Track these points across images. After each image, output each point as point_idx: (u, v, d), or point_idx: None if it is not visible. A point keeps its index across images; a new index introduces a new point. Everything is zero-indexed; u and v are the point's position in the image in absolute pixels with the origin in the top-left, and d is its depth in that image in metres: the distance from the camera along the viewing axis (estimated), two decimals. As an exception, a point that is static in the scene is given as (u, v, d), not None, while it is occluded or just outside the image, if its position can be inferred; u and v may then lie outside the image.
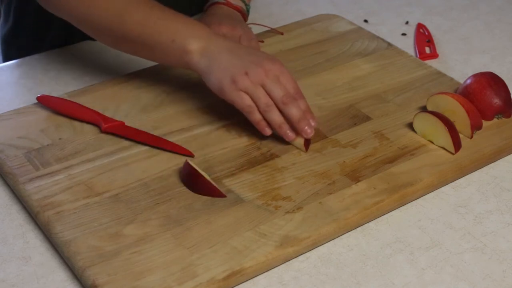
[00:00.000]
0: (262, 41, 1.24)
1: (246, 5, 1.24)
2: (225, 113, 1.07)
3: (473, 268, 0.85)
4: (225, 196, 0.91)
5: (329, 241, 0.88)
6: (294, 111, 0.98)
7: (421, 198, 0.95)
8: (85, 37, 1.27)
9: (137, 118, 1.06)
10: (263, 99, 0.98)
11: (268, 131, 1.00)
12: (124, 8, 1.04)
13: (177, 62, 1.03)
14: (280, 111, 0.98)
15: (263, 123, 0.99)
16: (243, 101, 0.98)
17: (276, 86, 0.98)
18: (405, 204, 0.94)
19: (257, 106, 0.98)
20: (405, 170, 0.96)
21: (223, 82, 0.98)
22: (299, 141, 1.00)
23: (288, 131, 0.99)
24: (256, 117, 0.99)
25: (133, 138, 1.01)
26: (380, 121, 1.06)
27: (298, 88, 1.00)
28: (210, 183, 0.91)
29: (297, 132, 0.99)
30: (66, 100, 1.07)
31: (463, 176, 0.98)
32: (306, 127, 0.98)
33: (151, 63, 1.17)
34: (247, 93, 0.98)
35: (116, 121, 1.03)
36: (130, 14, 1.03)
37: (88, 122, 1.04)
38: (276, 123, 0.99)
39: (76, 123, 1.04)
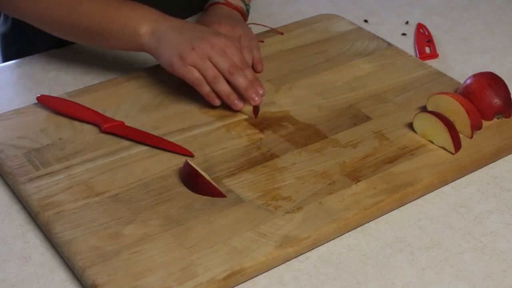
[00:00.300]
0: (262, 41, 1.24)
1: (246, 5, 1.24)
2: (225, 113, 1.07)
3: (473, 268, 0.85)
4: (225, 196, 0.91)
5: (329, 241, 0.88)
6: (240, 80, 1.04)
7: (421, 198, 0.95)
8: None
9: (137, 118, 1.06)
10: (210, 71, 1.03)
11: (217, 102, 1.06)
12: (75, 0, 1.09)
13: (130, 46, 1.09)
14: (228, 82, 1.05)
15: (212, 95, 1.05)
16: (192, 75, 1.04)
17: (222, 58, 1.03)
18: (405, 204, 0.94)
19: (205, 78, 1.04)
20: (405, 170, 0.96)
21: (172, 59, 1.04)
22: (248, 108, 1.05)
23: (236, 101, 1.05)
24: (205, 89, 1.05)
25: (133, 138, 1.01)
26: (380, 121, 1.06)
27: (244, 59, 1.06)
28: (210, 183, 0.91)
29: (245, 101, 1.05)
30: (66, 100, 1.07)
31: (463, 176, 0.98)
32: (254, 95, 1.04)
33: (151, 63, 1.17)
34: (195, 67, 1.03)
35: (116, 121, 1.03)
36: (81, 6, 1.08)
37: (88, 122, 1.04)
38: (224, 93, 1.05)
39: (76, 123, 1.04)
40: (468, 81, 1.07)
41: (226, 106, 1.08)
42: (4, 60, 1.35)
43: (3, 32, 1.36)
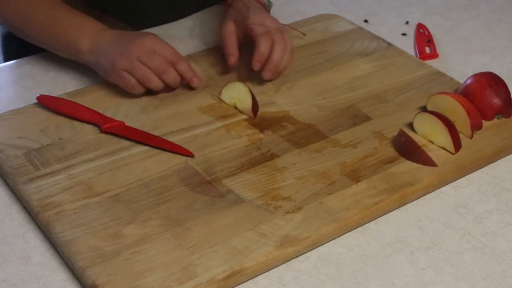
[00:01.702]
0: (304, 34, 1.26)
1: (269, 2, 1.24)
2: (225, 113, 1.07)
3: (473, 268, 0.85)
4: (436, 166, 0.96)
5: (329, 241, 0.88)
6: (170, 78, 1.06)
7: (421, 198, 0.95)
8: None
9: (137, 118, 1.06)
10: (139, 70, 1.05)
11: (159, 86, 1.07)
12: (28, 9, 1.11)
13: (76, 60, 1.12)
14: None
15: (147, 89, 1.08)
16: (124, 80, 1.06)
17: (151, 57, 1.05)
18: (405, 204, 0.94)
19: (136, 79, 1.06)
20: (405, 170, 0.96)
21: (106, 69, 1.07)
22: (247, 108, 1.06)
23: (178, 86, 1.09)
24: (138, 92, 1.07)
25: (133, 138, 1.01)
26: (380, 121, 1.06)
27: (175, 53, 1.08)
28: (425, 153, 0.96)
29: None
30: (66, 100, 1.07)
31: (463, 176, 0.98)
32: (192, 81, 1.08)
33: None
34: (126, 71, 1.05)
35: (116, 121, 1.03)
36: (32, 16, 1.11)
37: (88, 122, 1.04)
38: (159, 88, 1.07)
39: (76, 123, 1.04)
40: (468, 81, 1.07)
41: (226, 107, 1.08)
42: (5, 60, 1.35)
43: (3, 33, 1.36)
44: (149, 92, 1.09)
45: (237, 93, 1.07)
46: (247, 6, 1.17)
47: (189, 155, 0.98)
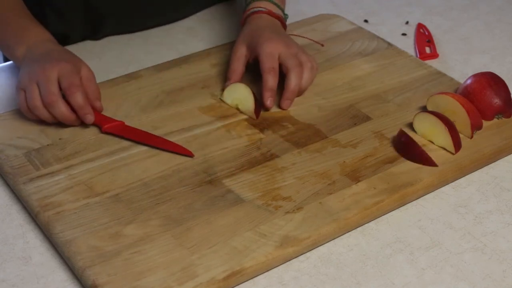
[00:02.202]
0: (323, 45, 1.23)
1: (284, 14, 1.20)
2: (225, 113, 1.07)
3: (473, 268, 0.85)
4: (436, 165, 0.96)
5: (329, 241, 0.88)
6: (56, 112, 1.00)
7: (421, 198, 0.95)
8: (85, 37, 1.27)
9: (137, 118, 1.06)
10: (30, 94, 1.00)
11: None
12: None
13: (16, 64, 1.09)
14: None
15: (49, 119, 1.01)
16: (19, 98, 1.02)
17: (45, 85, 0.99)
18: (405, 204, 0.94)
19: (28, 104, 1.00)
20: (405, 170, 0.96)
21: (16, 84, 1.03)
22: (249, 109, 1.05)
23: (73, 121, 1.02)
24: (30, 117, 1.02)
25: (133, 139, 1.01)
26: (380, 121, 1.06)
27: (74, 82, 1.00)
28: (425, 152, 0.96)
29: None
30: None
31: (463, 176, 0.98)
32: (84, 118, 1.01)
33: (151, 63, 1.18)
34: (23, 91, 1.01)
35: (116, 121, 1.03)
36: None
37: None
38: (48, 119, 1.01)
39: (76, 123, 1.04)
40: (468, 81, 1.07)
41: (226, 107, 1.08)
42: (5, 60, 1.35)
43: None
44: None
45: (239, 94, 1.07)
46: (264, 27, 1.13)
47: (189, 155, 0.98)
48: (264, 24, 1.14)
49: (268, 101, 1.06)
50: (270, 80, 1.06)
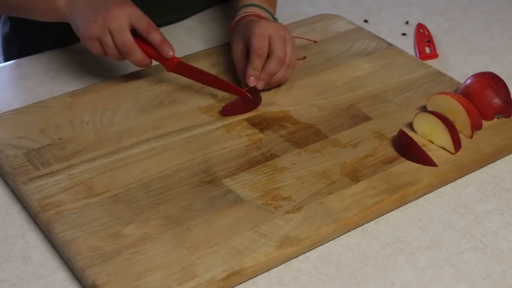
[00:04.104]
0: (305, 57, 1.21)
1: (274, 18, 1.20)
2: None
3: (473, 268, 0.85)
4: (436, 165, 0.96)
5: (329, 241, 0.88)
6: (133, 59, 1.06)
7: (421, 198, 0.95)
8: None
9: (137, 118, 1.06)
10: (106, 43, 1.05)
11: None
12: None
13: (53, 18, 1.11)
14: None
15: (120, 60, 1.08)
16: (94, 49, 1.06)
17: (120, 33, 1.04)
18: (405, 204, 0.94)
19: (107, 53, 1.06)
20: (405, 170, 0.96)
21: (79, 31, 1.06)
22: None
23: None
24: (105, 56, 1.08)
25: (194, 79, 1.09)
26: (380, 121, 1.06)
27: (149, 23, 1.06)
28: (424, 151, 0.96)
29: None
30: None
31: (463, 176, 0.98)
32: (165, 52, 1.07)
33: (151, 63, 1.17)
34: (97, 40, 1.05)
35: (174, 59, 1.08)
36: None
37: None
38: (116, 58, 1.07)
39: (76, 123, 1.04)
40: (468, 81, 1.07)
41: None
42: (5, 59, 1.35)
43: (4, 33, 1.36)
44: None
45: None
46: (254, 21, 1.13)
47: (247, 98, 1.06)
48: (253, 20, 1.14)
49: (251, 79, 1.07)
50: (256, 61, 1.07)
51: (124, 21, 1.05)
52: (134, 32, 1.06)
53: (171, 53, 1.07)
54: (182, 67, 1.10)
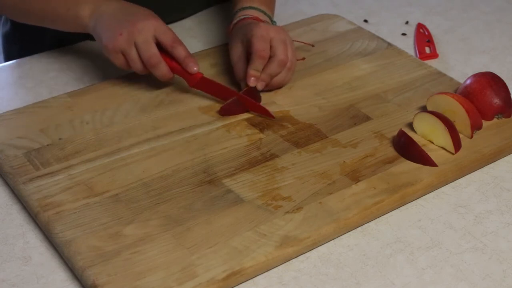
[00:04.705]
0: (303, 58, 1.21)
1: (272, 21, 1.20)
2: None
3: (473, 268, 0.85)
4: (436, 165, 0.96)
5: (329, 241, 0.88)
6: (159, 73, 1.06)
7: (421, 198, 0.95)
8: (85, 37, 1.27)
9: (137, 118, 1.06)
10: (131, 56, 1.05)
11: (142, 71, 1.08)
12: None
13: (75, 28, 1.11)
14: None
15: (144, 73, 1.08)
16: (118, 61, 1.07)
17: (146, 46, 1.04)
18: (405, 204, 0.94)
19: (131, 66, 1.06)
20: (405, 170, 0.96)
21: (103, 43, 1.06)
22: None
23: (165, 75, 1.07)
24: (127, 69, 1.08)
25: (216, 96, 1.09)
26: (380, 121, 1.06)
27: (174, 38, 1.07)
28: (424, 151, 0.96)
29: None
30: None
31: (463, 176, 0.98)
32: (190, 68, 1.07)
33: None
34: (122, 53, 1.05)
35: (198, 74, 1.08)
36: None
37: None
38: (140, 71, 1.07)
39: (76, 123, 1.04)
40: (468, 81, 1.07)
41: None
42: (6, 58, 1.35)
43: (4, 32, 1.36)
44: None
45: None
46: (252, 23, 1.14)
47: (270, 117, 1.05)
48: (251, 22, 1.15)
49: (252, 80, 1.07)
50: (258, 62, 1.07)
51: (150, 35, 1.05)
52: (158, 46, 1.06)
53: (195, 68, 1.07)
54: (204, 83, 1.09)
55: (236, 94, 1.07)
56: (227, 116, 1.06)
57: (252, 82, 1.07)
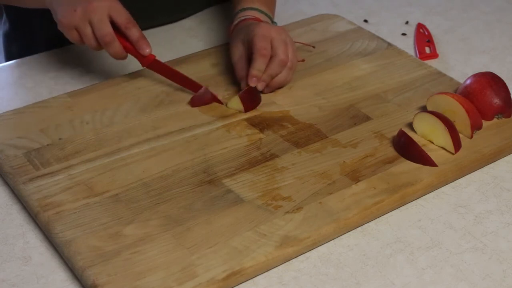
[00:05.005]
0: (303, 60, 1.20)
1: (272, 21, 1.20)
2: (225, 113, 1.07)
3: (473, 268, 0.85)
4: (436, 165, 0.96)
5: (329, 241, 0.88)
6: (112, 51, 1.06)
7: (421, 198, 0.95)
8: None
9: (137, 118, 1.06)
10: (85, 33, 1.05)
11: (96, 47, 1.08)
12: None
13: (35, 3, 1.13)
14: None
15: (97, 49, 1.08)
16: (72, 38, 1.06)
17: (100, 24, 1.04)
18: (405, 204, 0.94)
19: (85, 42, 1.06)
20: (405, 170, 0.96)
21: (57, 17, 1.05)
22: (237, 104, 1.07)
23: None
24: (81, 45, 1.08)
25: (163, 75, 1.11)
26: (380, 121, 1.06)
27: (129, 18, 1.07)
28: (424, 151, 0.96)
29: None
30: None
31: (463, 176, 0.98)
32: (142, 50, 1.08)
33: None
34: (76, 29, 1.05)
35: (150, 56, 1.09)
36: None
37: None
38: (93, 49, 1.07)
39: (76, 123, 1.04)
40: (468, 81, 1.07)
41: (225, 107, 1.08)
42: (6, 58, 1.35)
43: (4, 31, 1.36)
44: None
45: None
46: (253, 24, 1.14)
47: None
48: (252, 23, 1.15)
49: (253, 80, 1.08)
50: (260, 61, 1.07)
51: (105, 13, 1.05)
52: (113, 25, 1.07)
53: (147, 50, 1.08)
54: (157, 65, 1.11)
55: (185, 78, 1.11)
56: (227, 116, 1.06)
57: (253, 82, 1.07)
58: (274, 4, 1.25)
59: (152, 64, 1.10)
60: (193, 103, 1.09)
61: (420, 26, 1.35)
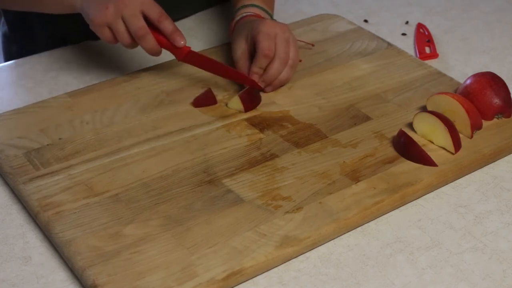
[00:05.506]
0: (300, 60, 1.20)
1: (272, 19, 1.19)
2: (225, 113, 1.07)
3: (473, 268, 0.85)
4: (436, 165, 0.96)
5: (329, 241, 0.88)
6: (146, 45, 1.06)
7: (421, 198, 0.95)
8: (85, 37, 1.27)
9: (137, 118, 1.06)
10: (118, 30, 1.04)
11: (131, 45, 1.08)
12: None
13: (63, 9, 1.11)
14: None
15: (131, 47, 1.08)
16: (105, 36, 1.06)
17: (133, 19, 1.04)
18: (405, 204, 0.94)
19: (118, 39, 1.06)
20: (405, 170, 0.96)
21: (89, 18, 1.05)
22: (238, 104, 1.07)
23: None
24: (113, 43, 1.07)
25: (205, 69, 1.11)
26: (380, 121, 1.06)
27: (161, 12, 1.06)
28: (424, 151, 0.96)
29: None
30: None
31: (463, 176, 0.98)
32: (177, 41, 1.07)
33: (151, 63, 1.18)
34: (108, 27, 1.05)
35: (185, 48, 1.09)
36: None
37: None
38: (127, 46, 1.07)
39: (76, 123, 1.04)
40: (468, 81, 1.07)
41: (225, 107, 1.08)
42: (5, 59, 1.35)
43: (4, 32, 1.36)
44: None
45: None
46: (255, 21, 1.14)
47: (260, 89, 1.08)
48: (254, 20, 1.15)
49: (254, 77, 1.09)
50: (263, 61, 1.08)
51: (137, 8, 1.04)
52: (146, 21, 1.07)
53: (182, 42, 1.07)
54: (193, 56, 1.10)
55: (224, 67, 1.10)
56: (227, 116, 1.06)
57: (254, 78, 1.08)
58: (273, 1, 1.25)
59: (187, 56, 1.09)
60: (196, 103, 1.08)
61: (420, 26, 1.35)
